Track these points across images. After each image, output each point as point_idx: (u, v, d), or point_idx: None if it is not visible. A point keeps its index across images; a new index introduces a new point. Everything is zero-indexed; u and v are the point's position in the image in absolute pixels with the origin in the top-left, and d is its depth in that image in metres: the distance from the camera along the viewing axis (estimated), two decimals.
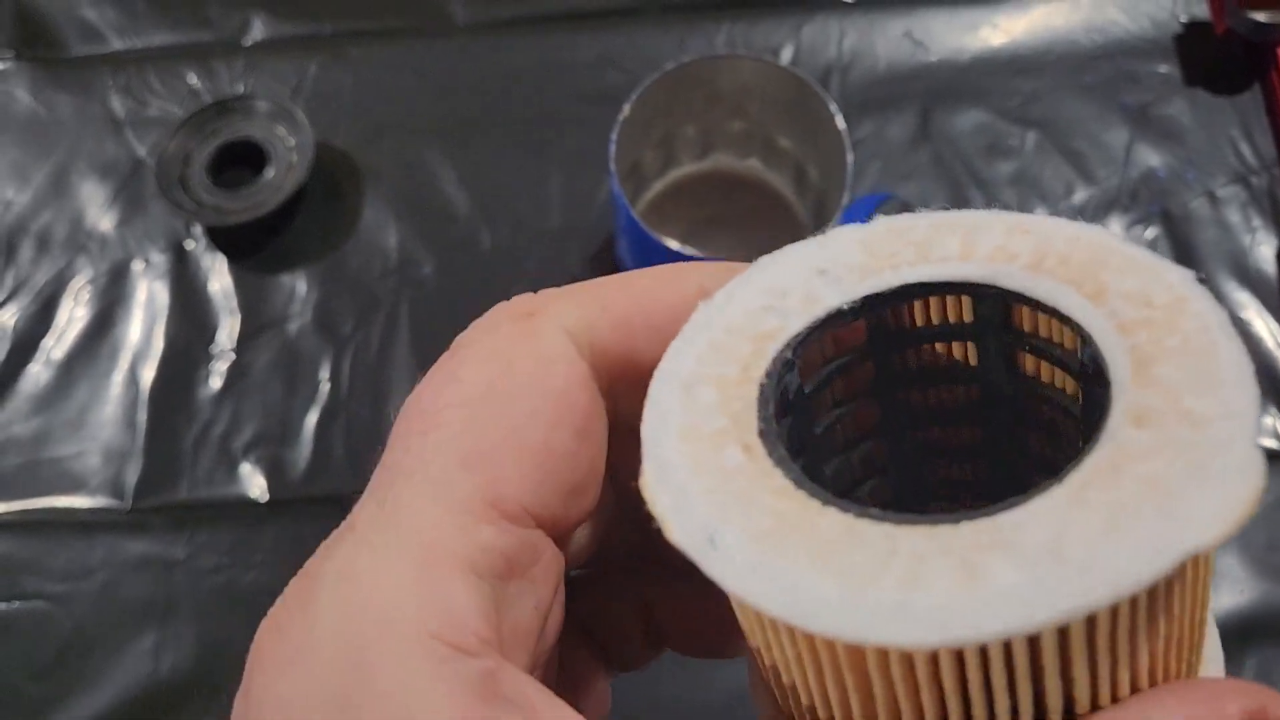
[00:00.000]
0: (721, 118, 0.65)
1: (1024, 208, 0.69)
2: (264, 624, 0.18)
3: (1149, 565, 0.12)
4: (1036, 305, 0.16)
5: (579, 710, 0.15)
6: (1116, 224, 0.68)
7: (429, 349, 0.67)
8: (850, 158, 0.57)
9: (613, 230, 0.68)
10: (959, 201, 0.69)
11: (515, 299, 0.19)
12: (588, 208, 0.70)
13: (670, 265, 0.19)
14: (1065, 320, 0.16)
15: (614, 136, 0.58)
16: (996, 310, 0.17)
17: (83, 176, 0.73)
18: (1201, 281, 0.15)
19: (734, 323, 0.17)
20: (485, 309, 0.19)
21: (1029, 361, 0.18)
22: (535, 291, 0.20)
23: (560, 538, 0.18)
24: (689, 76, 0.61)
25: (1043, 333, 0.17)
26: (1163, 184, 0.69)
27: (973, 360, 0.18)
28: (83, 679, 0.59)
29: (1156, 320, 0.15)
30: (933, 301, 0.18)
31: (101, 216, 0.72)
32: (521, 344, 0.18)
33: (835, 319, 0.17)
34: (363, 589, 0.16)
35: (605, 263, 0.68)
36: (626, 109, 0.59)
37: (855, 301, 0.17)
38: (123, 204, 0.72)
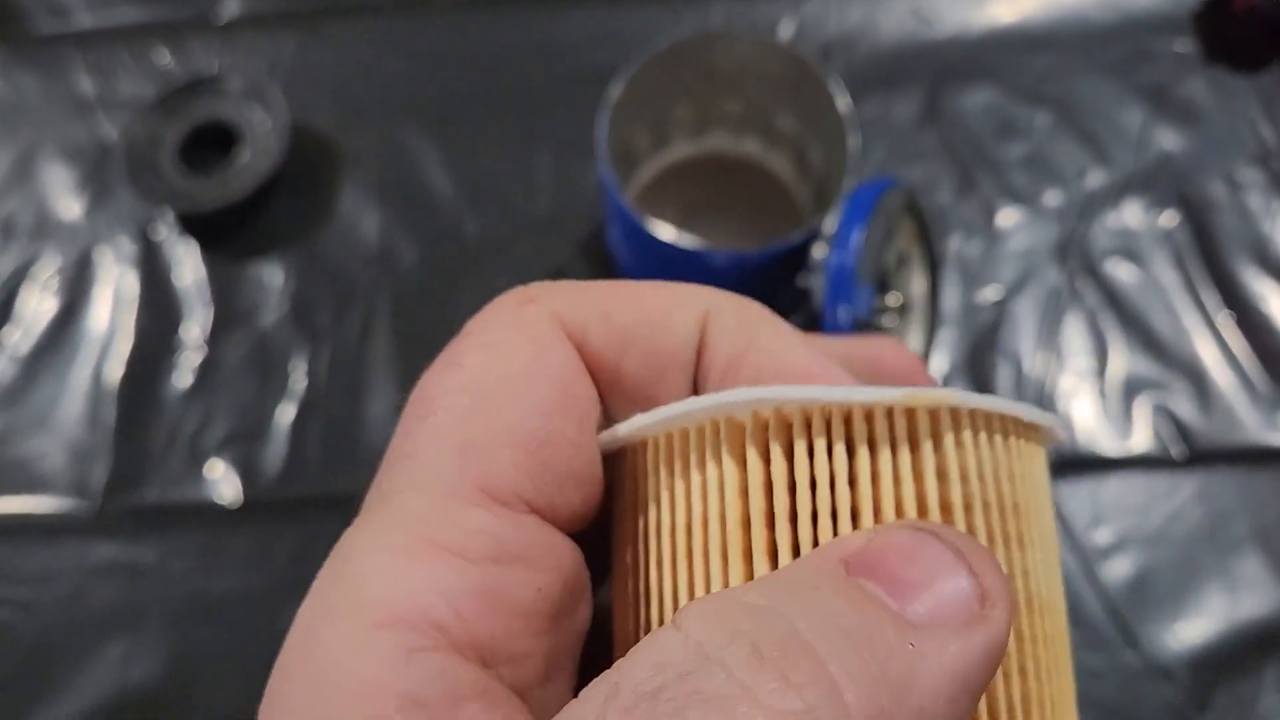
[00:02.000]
0: (718, 98, 0.62)
1: (1036, 190, 0.65)
2: None
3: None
4: None
5: None
6: (1132, 208, 0.65)
7: (411, 342, 0.64)
8: (853, 141, 0.54)
9: (603, 217, 0.65)
10: (968, 184, 0.66)
11: (520, 288, 0.19)
12: (578, 193, 0.67)
13: (677, 288, 0.19)
14: None
15: (603, 119, 0.55)
16: None
17: (49, 160, 0.70)
18: None
19: None
20: (470, 300, 0.20)
21: None
22: (525, 283, 0.20)
23: (570, 526, 0.19)
24: (684, 55, 0.58)
25: None
26: (1180, 167, 0.66)
27: None
28: (49, 689, 0.56)
29: None
30: None
31: (69, 203, 0.69)
32: (521, 333, 0.18)
33: None
34: (347, 569, 0.17)
35: (595, 251, 0.65)
36: (617, 89, 0.55)
37: None
38: (91, 190, 0.69)
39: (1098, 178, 0.66)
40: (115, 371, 0.64)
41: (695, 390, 0.20)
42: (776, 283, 0.57)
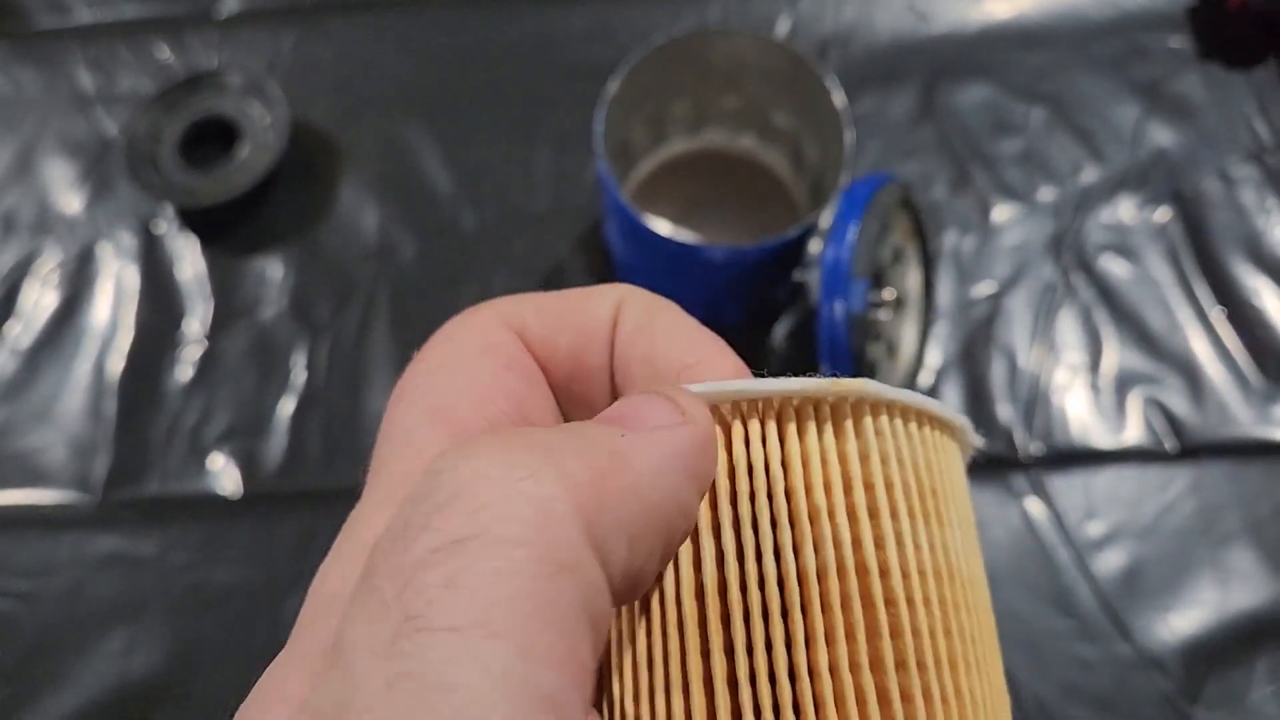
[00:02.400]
0: (715, 94, 0.62)
1: (1030, 187, 0.66)
2: None
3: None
4: None
5: None
6: (1126, 204, 0.65)
7: (409, 336, 0.64)
8: (849, 136, 0.55)
9: (600, 214, 0.66)
10: (963, 180, 0.66)
11: (469, 308, 0.22)
12: (576, 188, 0.67)
13: (597, 286, 0.22)
14: None
15: (600, 115, 0.55)
16: None
17: (50, 155, 0.70)
18: None
19: None
20: (468, 294, 0.27)
21: None
22: (523, 277, 0.26)
23: None
24: (681, 51, 0.58)
25: None
26: (1174, 163, 0.66)
27: None
28: (50, 681, 0.57)
29: None
30: None
31: (69, 198, 0.69)
32: (465, 324, 0.22)
33: None
34: (355, 534, 0.18)
35: (593, 246, 0.65)
36: (614, 85, 0.56)
37: None
38: (91, 184, 0.69)
39: (1092, 173, 0.66)
40: (116, 365, 0.64)
41: (611, 361, 0.22)
42: (773, 278, 0.58)
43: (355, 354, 0.64)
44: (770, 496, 0.18)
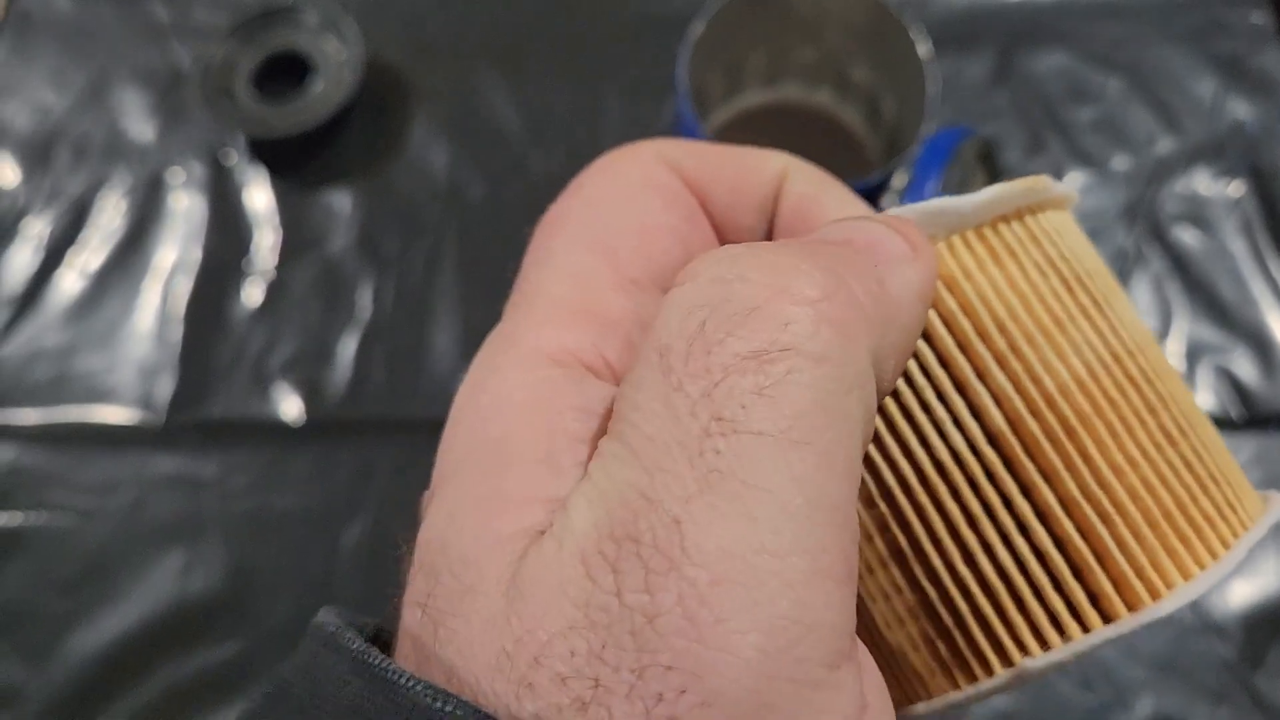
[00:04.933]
0: (793, 45, 0.62)
1: (1105, 155, 0.65)
2: None
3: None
4: None
5: None
6: (1201, 176, 0.65)
7: (475, 276, 0.64)
8: (933, 85, 0.54)
9: None
10: (1037, 145, 0.66)
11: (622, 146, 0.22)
12: (646, 134, 0.67)
13: (759, 149, 0.22)
14: None
15: (684, 56, 0.55)
16: None
17: (123, 84, 0.71)
18: None
19: None
20: None
21: None
22: None
23: None
24: None
25: None
26: (1251, 138, 0.66)
27: None
28: (108, 596, 0.57)
29: None
30: None
31: (141, 126, 0.70)
32: (631, 162, 0.21)
33: None
34: (511, 339, 0.19)
35: None
36: (698, 27, 0.56)
37: None
38: (163, 114, 0.70)
39: (1167, 145, 0.66)
40: (183, 291, 0.64)
41: (771, 223, 0.22)
42: None
43: (422, 290, 0.64)
44: (982, 336, 0.19)
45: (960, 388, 0.18)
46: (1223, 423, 0.58)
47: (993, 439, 0.18)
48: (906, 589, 0.19)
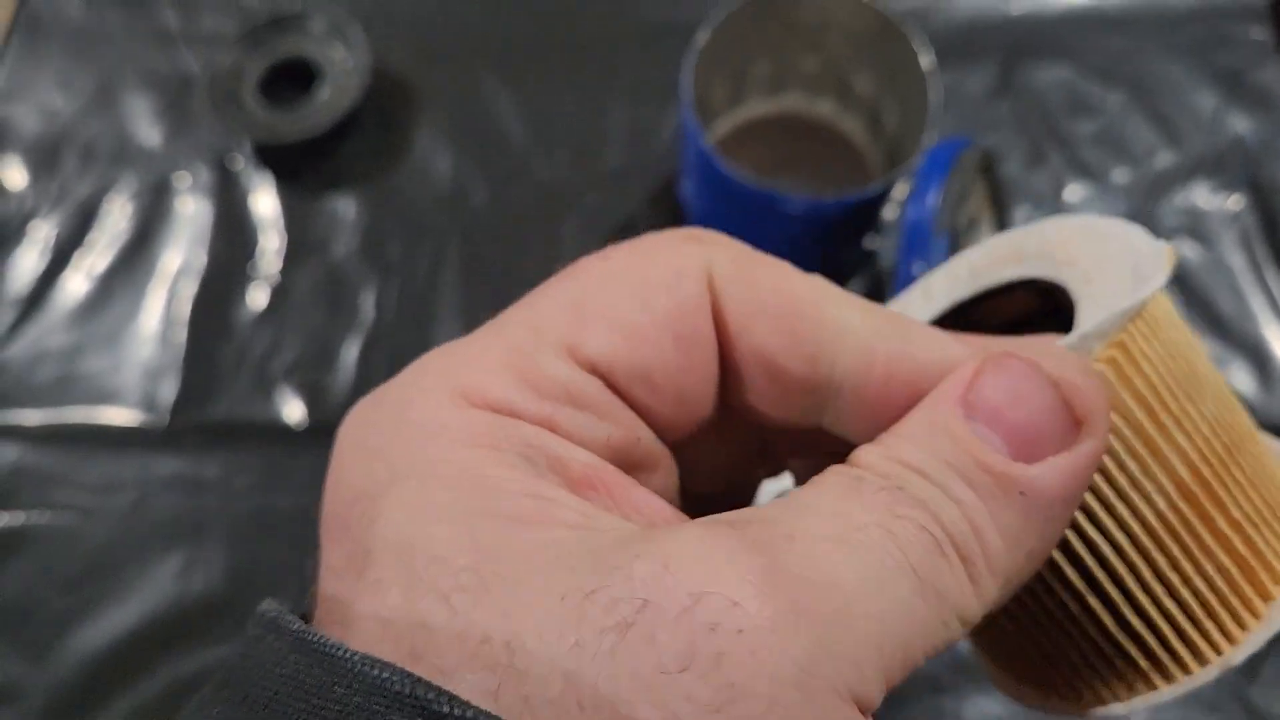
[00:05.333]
0: (796, 54, 0.62)
1: (1105, 168, 0.66)
2: None
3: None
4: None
5: None
6: (1200, 190, 0.65)
7: (478, 281, 0.64)
8: (935, 95, 0.55)
9: (676, 170, 0.66)
10: (1038, 157, 0.66)
11: (689, 229, 0.20)
12: (650, 144, 0.68)
13: (829, 292, 0.20)
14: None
15: (689, 64, 0.55)
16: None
17: (131, 89, 0.72)
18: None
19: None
20: (539, 244, 0.24)
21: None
22: (594, 231, 0.22)
23: (658, 427, 0.19)
24: (769, 7, 0.58)
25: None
26: (1251, 152, 0.66)
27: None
28: (110, 594, 0.58)
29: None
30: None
31: (148, 130, 0.70)
32: (673, 256, 0.19)
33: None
34: (448, 360, 0.18)
35: (667, 203, 0.66)
36: (703, 36, 0.56)
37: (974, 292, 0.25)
38: (171, 118, 0.70)
39: (1167, 158, 0.66)
40: (187, 294, 0.65)
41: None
42: (845, 238, 0.58)
43: (425, 295, 0.64)
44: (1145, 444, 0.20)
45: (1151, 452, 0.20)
46: None
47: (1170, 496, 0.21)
48: (1102, 607, 0.21)
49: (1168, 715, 0.53)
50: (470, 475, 0.16)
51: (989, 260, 0.25)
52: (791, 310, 0.19)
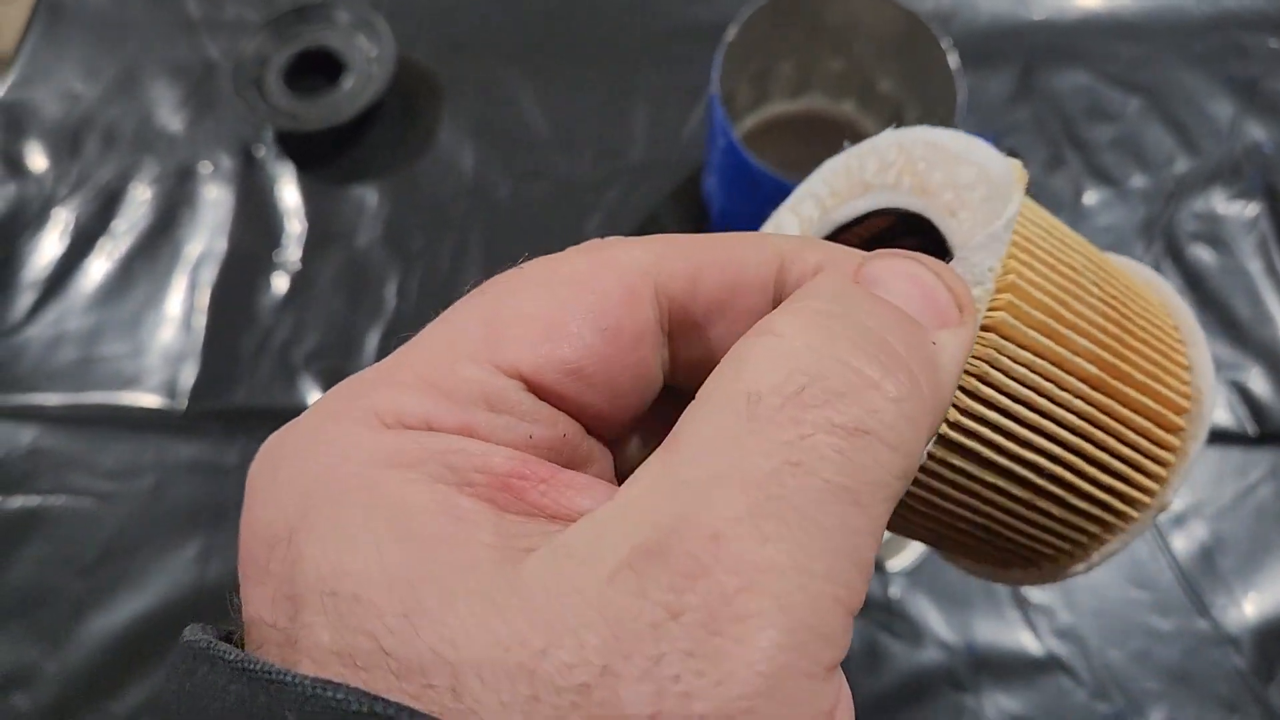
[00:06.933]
0: (821, 55, 0.63)
1: (1123, 173, 0.66)
2: None
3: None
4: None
5: None
6: (1218, 196, 0.66)
7: (501, 271, 0.64)
8: (961, 94, 0.55)
9: (699, 166, 0.66)
10: (1057, 161, 0.67)
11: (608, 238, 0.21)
12: (672, 142, 0.68)
13: (754, 234, 0.21)
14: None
15: (718, 59, 0.56)
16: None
17: (153, 76, 0.72)
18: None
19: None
20: (560, 238, 0.22)
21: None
22: (617, 225, 0.22)
23: (598, 422, 0.20)
24: (795, 6, 0.59)
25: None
26: (1267, 159, 0.67)
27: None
28: (127, 579, 0.57)
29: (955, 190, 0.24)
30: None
31: (171, 117, 0.70)
32: (584, 254, 0.19)
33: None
34: (359, 388, 0.18)
35: (690, 198, 0.66)
36: (732, 31, 0.56)
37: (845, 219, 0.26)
38: (193, 106, 0.70)
39: (1185, 164, 0.67)
40: (208, 280, 0.65)
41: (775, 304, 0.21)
42: None
43: (446, 286, 0.64)
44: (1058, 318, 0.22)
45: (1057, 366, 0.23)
46: (1237, 438, 0.59)
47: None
48: (1039, 487, 0.23)
49: (1185, 712, 0.53)
50: (386, 498, 0.16)
51: (836, 196, 0.26)
52: (725, 252, 0.20)
